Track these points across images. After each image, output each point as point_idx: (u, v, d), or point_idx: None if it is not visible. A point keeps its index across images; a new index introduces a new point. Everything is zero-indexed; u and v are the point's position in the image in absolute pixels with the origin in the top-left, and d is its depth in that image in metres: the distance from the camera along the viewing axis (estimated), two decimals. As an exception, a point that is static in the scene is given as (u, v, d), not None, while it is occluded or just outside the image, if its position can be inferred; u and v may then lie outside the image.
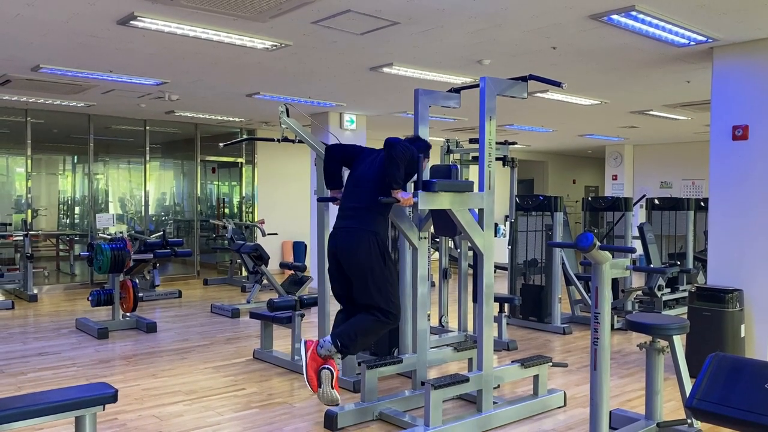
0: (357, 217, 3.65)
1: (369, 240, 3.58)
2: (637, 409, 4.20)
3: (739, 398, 2.28)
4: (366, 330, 3.63)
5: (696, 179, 13.33)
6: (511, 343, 6.06)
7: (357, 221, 3.64)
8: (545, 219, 7.18)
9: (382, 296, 3.61)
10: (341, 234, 3.70)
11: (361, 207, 3.68)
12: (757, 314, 5.06)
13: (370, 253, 3.57)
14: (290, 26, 4.93)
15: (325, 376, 3.52)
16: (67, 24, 4.88)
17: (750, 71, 5.11)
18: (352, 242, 3.61)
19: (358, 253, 3.59)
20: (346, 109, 9.34)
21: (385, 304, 3.61)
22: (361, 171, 3.80)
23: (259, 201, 11.86)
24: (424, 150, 3.83)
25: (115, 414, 4.14)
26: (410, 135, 4.09)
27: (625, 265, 3.42)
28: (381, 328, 3.69)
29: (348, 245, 3.63)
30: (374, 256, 3.59)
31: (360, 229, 3.61)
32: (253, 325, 6.87)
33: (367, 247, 3.56)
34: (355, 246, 3.60)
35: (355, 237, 3.61)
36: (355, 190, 3.78)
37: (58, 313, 7.78)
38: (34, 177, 9.99)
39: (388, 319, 3.65)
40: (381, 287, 3.61)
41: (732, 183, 5.19)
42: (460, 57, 5.85)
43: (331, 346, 3.57)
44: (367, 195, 3.66)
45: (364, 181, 3.73)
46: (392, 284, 3.72)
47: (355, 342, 3.62)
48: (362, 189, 3.71)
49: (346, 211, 3.76)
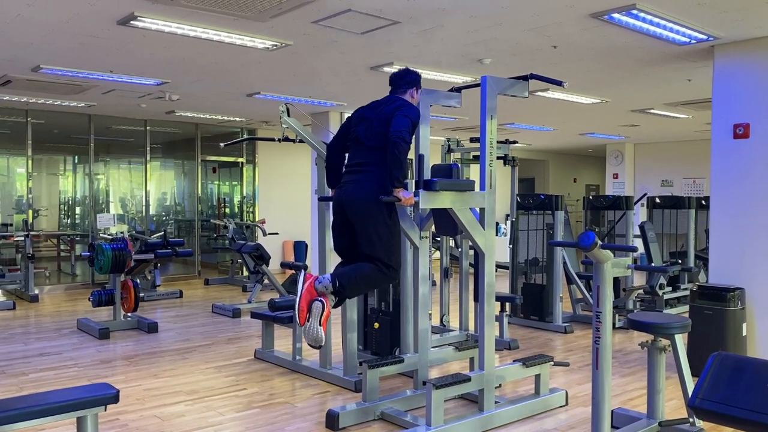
0: (364, 171, 3.66)
1: (376, 191, 3.57)
2: (638, 408, 4.20)
3: (742, 397, 2.27)
4: (366, 276, 3.63)
5: (697, 178, 13.32)
6: (512, 343, 6.06)
7: (365, 175, 3.65)
8: (546, 218, 7.17)
9: (384, 249, 3.62)
10: (349, 186, 3.71)
11: (367, 162, 3.68)
12: (758, 313, 5.05)
13: (377, 203, 3.57)
14: (290, 26, 4.92)
15: (316, 309, 3.48)
16: (67, 24, 4.88)
17: (751, 69, 5.10)
18: (360, 192, 3.62)
19: (366, 203, 3.60)
20: (347, 109, 9.34)
21: (386, 257, 3.62)
22: (364, 127, 3.76)
23: (260, 201, 11.86)
24: (417, 82, 3.91)
25: (116, 414, 4.14)
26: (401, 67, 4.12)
27: (626, 264, 3.42)
28: (380, 279, 3.69)
29: (355, 195, 3.64)
30: (380, 207, 3.59)
31: (368, 181, 3.62)
32: (255, 325, 6.87)
33: (375, 197, 3.56)
34: (363, 196, 3.61)
35: (363, 188, 3.62)
36: (358, 147, 3.78)
37: (59, 313, 7.78)
38: (34, 177, 9.99)
39: (389, 272, 3.65)
40: (384, 240, 3.62)
41: (733, 181, 5.18)
42: (460, 56, 5.85)
43: (329, 283, 3.55)
44: (371, 152, 3.67)
45: (366, 139, 3.71)
46: (395, 239, 3.72)
47: (353, 285, 3.62)
48: (365, 147, 3.71)
49: (353, 167, 3.77)
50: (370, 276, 3.65)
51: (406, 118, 3.56)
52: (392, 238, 3.69)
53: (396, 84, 3.95)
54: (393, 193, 3.52)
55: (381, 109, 3.74)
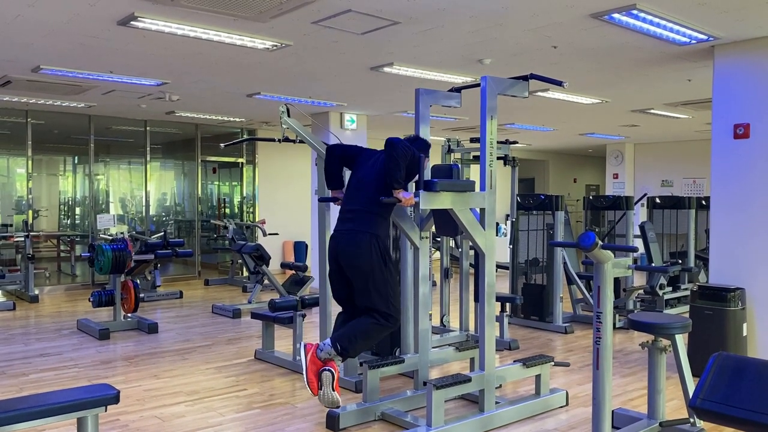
0: (358, 220, 3.65)
1: (370, 242, 3.58)
2: (639, 408, 4.20)
3: (743, 398, 2.27)
4: (366, 333, 3.62)
5: (697, 178, 13.32)
6: (512, 343, 6.05)
7: (358, 224, 3.64)
8: (546, 218, 7.17)
9: (382, 299, 3.60)
10: (342, 236, 3.70)
11: (361, 210, 3.68)
12: (759, 313, 5.05)
13: (371, 255, 3.56)
14: (291, 26, 4.92)
15: (326, 378, 3.52)
16: (67, 25, 4.88)
17: (751, 69, 5.10)
18: (353, 245, 3.61)
19: (359, 256, 3.58)
20: (347, 109, 9.34)
21: (385, 307, 3.61)
22: (363, 173, 3.79)
23: (260, 201, 11.86)
24: (425, 149, 3.83)
25: (117, 415, 4.14)
26: (410, 135, 4.08)
27: (627, 264, 3.42)
28: (381, 331, 3.69)
29: (349, 247, 3.63)
30: (375, 258, 3.58)
31: (361, 231, 3.61)
32: (255, 326, 6.87)
33: (368, 249, 3.56)
34: (356, 248, 3.60)
35: (356, 239, 3.61)
36: (356, 192, 3.78)
37: (59, 314, 7.78)
38: (34, 178, 9.99)
39: (388, 322, 3.64)
40: (381, 290, 3.61)
41: (733, 181, 5.18)
42: (460, 56, 5.85)
43: (331, 349, 3.56)
44: (368, 197, 3.66)
45: (366, 183, 3.72)
46: (392, 287, 3.71)
47: (354, 345, 3.62)
48: (363, 191, 3.71)
49: (347, 214, 3.75)
50: (370, 332, 3.64)
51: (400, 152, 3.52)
52: (389, 286, 3.66)
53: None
54: (393, 195, 3.52)
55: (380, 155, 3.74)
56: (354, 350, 3.64)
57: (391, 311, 3.63)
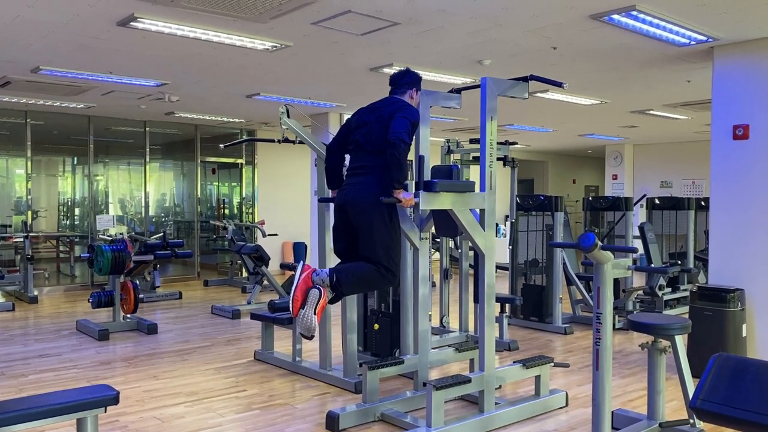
0: (366, 174, 3.65)
1: (377, 195, 3.56)
2: (639, 409, 4.20)
3: (744, 399, 2.27)
4: (364, 275, 3.59)
5: (696, 179, 13.32)
6: (512, 344, 6.05)
7: (367, 178, 3.63)
8: (546, 219, 7.17)
9: (385, 252, 3.60)
10: (351, 188, 3.70)
11: (368, 165, 3.67)
12: (758, 314, 5.05)
13: (379, 207, 3.56)
14: (290, 27, 4.92)
15: (312, 296, 3.41)
16: (67, 25, 4.87)
17: (751, 70, 5.11)
18: (361, 195, 3.61)
19: (368, 206, 3.58)
20: (346, 110, 9.34)
21: (386, 261, 3.60)
22: (364, 132, 3.75)
23: (260, 202, 11.85)
24: (417, 83, 3.91)
25: (116, 416, 4.14)
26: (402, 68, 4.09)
27: (626, 265, 3.42)
28: (378, 280, 3.65)
29: (357, 198, 3.63)
30: (382, 210, 3.58)
31: (369, 183, 3.60)
32: (254, 326, 6.86)
33: (377, 201, 3.55)
34: (365, 199, 3.60)
35: (365, 191, 3.60)
36: (359, 152, 3.76)
37: (58, 314, 7.77)
38: (34, 178, 9.99)
39: (388, 275, 3.62)
40: (385, 243, 3.60)
41: (733, 182, 5.18)
42: (460, 57, 5.85)
43: (327, 277, 3.51)
44: (371, 155, 3.66)
45: (366, 145, 3.70)
46: (395, 243, 3.70)
47: (351, 282, 3.57)
48: (366, 152, 3.70)
49: (355, 170, 3.75)
50: (369, 276, 3.62)
51: (405, 119, 3.55)
52: (392, 241, 3.67)
53: (395, 84, 3.93)
54: (393, 195, 3.51)
55: (380, 112, 3.73)
56: (349, 287, 3.60)
57: (391, 266, 3.62)
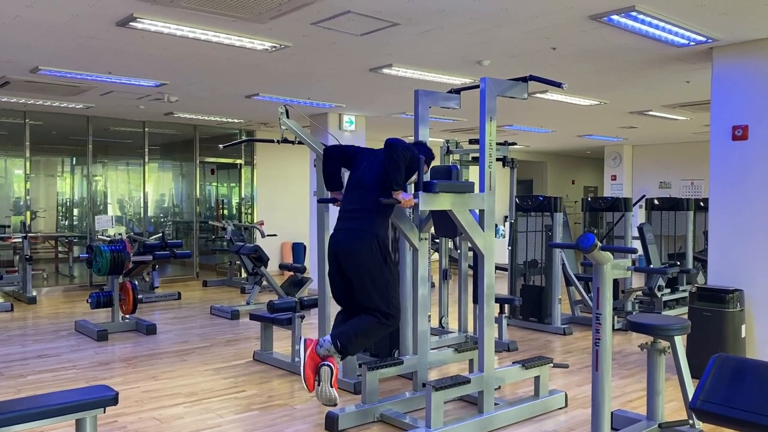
0: (358, 219, 3.64)
1: (370, 241, 3.57)
2: (638, 409, 4.20)
3: (744, 399, 2.27)
4: (366, 331, 3.60)
5: (695, 179, 13.33)
6: (511, 344, 6.05)
7: (358, 223, 3.63)
8: (545, 219, 7.18)
9: (382, 298, 3.59)
10: (342, 235, 3.69)
11: (361, 209, 3.67)
12: (757, 314, 5.05)
13: (372, 254, 3.55)
14: (290, 27, 4.92)
15: (325, 373, 3.47)
16: (66, 25, 4.87)
17: (750, 71, 5.11)
18: (354, 243, 3.60)
19: (360, 254, 3.57)
20: (346, 110, 9.34)
21: (385, 306, 3.59)
22: (361, 173, 3.78)
23: (259, 202, 11.85)
24: (427, 156, 3.80)
25: (115, 416, 4.13)
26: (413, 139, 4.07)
27: (626, 265, 3.42)
28: (381, 330, 3.67)
29: (349, 246, 3.62)
30: (375, 257, 3.57)
31: (361, 230, 3.59)
32: (253, 327, 6.86)
33: (369, 248, 3.55)
34: (357, 247, 3.59)
35: (357, 238, 3.60)
36: (354, 192, 3.77)
37: (57, 315, 7.76)
38: (32, 179, 9.97)
39: (389, 320, 3.63)
40: (381, 289, 3.60)
41: (732, 183, 5.18)
42: (459, 58, 5.85)
43: (331, 345, 3.54)
44: (367, 197, 3.65)
45: (364, 183, 3.71)
46: (393, 286, 3.70)
47: (354, 342, 3.59)
48: (362, 191, 3.70)
49: (347, 213, 3.74)
50: (370, 330, 3.60)
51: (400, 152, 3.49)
52: (389, 286, 3.63)
53: None
54: (393, 196, 3.51)
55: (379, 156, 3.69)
56: (354, 348, 3.62)
57: (391, 311, 3.62)
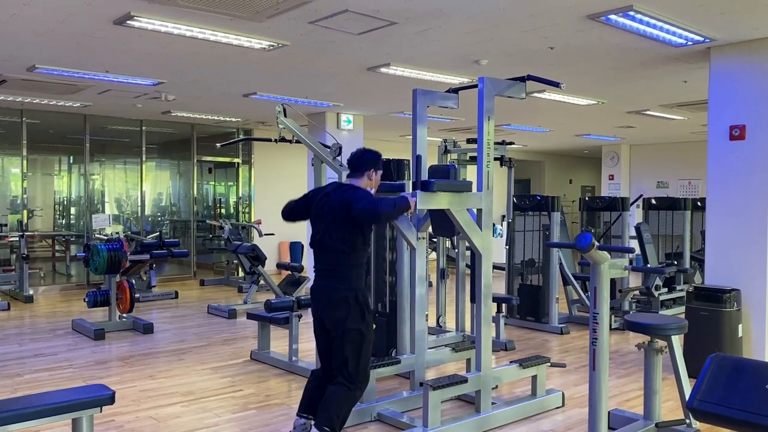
0: (332, 277, 3.51)
1: (347, 300, 3.44)
2: (635, 409, 4.20)
3: (740, 399, 2.27)
4: (341, 404, 3.45)
5: (692, 179, 13.35)
6: (509, 344, 6.06)
7: (333, 281, 3.50)
8: (542, 219, 7.18)
9: (353, 359, 3.46)
10: (321, 293, 3.56)
11: (332, 265, 3.52)
12: (754, 314, 5.06)
13: (350, 313, 3.43)
14: (288, 26, 4.91)
15: None
16: (63, 24, 4.86)
17: (747, 71, 5.12)
18: (332, 302, 3.48)
19: (337, 313, 3.45)
20: (344, 109, 9.34)
21: (353, 368, 3.47)
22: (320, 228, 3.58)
23: (256, 201, 11.83)
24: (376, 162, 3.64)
25: (112, 416, 4.13)
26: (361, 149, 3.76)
27: (623, 265, 3.42)
28: (352, 398, 3.51)
29: (328, 306, 3.50)
30: (353, 316, 3.44)
31: (337, 288, 3.47)
32: (251, 326, 6.85)
33: (346, 307, 3.43)
34: (335, 306, 3.47)
35: (334, 297, 3.47)
36: (320, 252, 3.59)
37: (54, 314, 7.75)
38: (29, 177, 9.95)
39: (354, 385, 3.47)
40: (355, 350, 3.46)
41: (729, 183, 5.19)
42: (457, 57, 5.85)
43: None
44: (333, 254, 3.50)
45: (326, 243, 3.53)
46: (366, 346, 3.52)
47: (338, 419, 3.44)
48: (327, 252, 3.54)
49: (320, 270, 3.60)
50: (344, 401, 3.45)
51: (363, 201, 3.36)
52: (363, 345, 3.48)
53: (352, 168, 3.64)
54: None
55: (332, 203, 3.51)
56: (339, 422, 3.46)
57: (359, 377, 3.48)
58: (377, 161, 3.67)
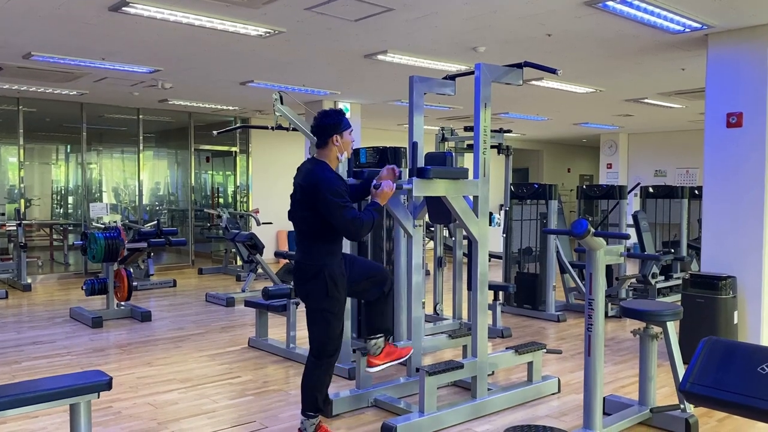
0: (304, 252, 3.52)
1: (314, 274, 3.44)
2: (630, 395, 4.22)
3: (733, 381, 2.29)
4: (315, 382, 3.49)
5: (690, 167, 13.36)
6: (505, 331, 6.08)
7: (305, 255, 3.50)
8: (540, 207, 7.19)
9: (317, 335, 3.49)
10: (294, 267, 3.60)
11: (299, 242, 3.55)
12: (749, 301, 5.08)
13: (317, 288, 3.44)
14: (284, 13, 4.89)
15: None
16: (59, 10, 4.83)
17: (745, 58, 5.11)
18: (303, 275, 3.50)
19: (305, 288, 3.49)
20: (341, 97, 9.31)
21: (318, 342, 3.50)
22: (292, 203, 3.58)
23: (254, 190, 11.83)
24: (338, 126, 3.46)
25: (110, 402, 4.15)
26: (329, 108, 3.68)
27: (619, 251, 3.43)
28: (323, 373, 3.53)
29: (298, 279, 3.55)
30: (318, 292, 3.44)
31: (304, 263, 3.49)
32: (248, 314, 6.87)
33: (312, 282, 3.44)
34: (302, 281, 3.51)
35: (305, 270, 3.49)
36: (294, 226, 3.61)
37: (52, 302, 7.76)
38: (26, 166, 9.93)
39: (319, 359, 3.50)
40: (319, 326, 3.48)
41: (726, 171, 5.19)
42: (454, 44, 5.83)
43: (308, 420, 3.49)
44: (299, 232, 3.53)
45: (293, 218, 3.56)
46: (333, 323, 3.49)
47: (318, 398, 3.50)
48: (295, 226, 3.57)
49: (296, 246, 3.64)
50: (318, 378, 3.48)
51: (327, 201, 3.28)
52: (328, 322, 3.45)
53: (317, 135, 3.50)
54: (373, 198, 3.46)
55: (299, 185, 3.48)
56: (322, 399, 3.52)
57: (324, 349, 3.48)
58: (339, 123, 3.45)
